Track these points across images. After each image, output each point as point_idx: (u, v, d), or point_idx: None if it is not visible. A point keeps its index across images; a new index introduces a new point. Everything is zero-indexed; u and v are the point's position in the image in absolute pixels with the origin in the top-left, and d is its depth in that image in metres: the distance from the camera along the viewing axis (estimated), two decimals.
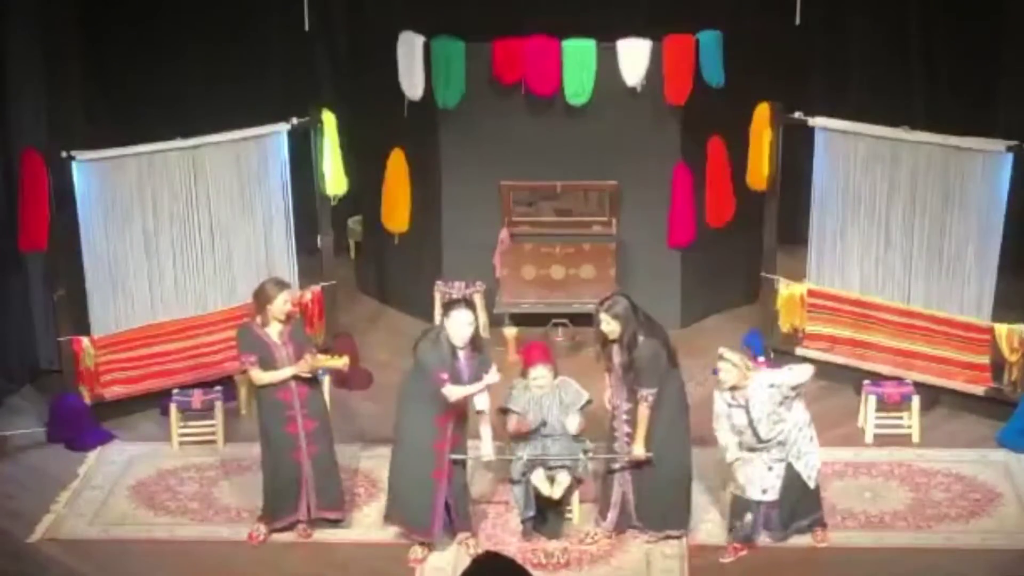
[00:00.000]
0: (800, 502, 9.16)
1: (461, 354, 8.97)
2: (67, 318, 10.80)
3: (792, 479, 9.05)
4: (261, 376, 9.15)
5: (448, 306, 9.12)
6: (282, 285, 9.33)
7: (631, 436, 9.15)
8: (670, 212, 12.03)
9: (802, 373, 9.12)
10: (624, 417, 9.17)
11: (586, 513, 9.49)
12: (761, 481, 9.04)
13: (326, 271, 11.67)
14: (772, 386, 8.95)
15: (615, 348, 9.11)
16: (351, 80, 13.27)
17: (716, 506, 9.68)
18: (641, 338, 9.00)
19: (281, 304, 9.18)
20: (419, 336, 9.17)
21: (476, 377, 8.99)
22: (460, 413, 9.05)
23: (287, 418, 9.19)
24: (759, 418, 8.91)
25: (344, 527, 9.54)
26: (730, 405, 9.00)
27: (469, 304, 9.15)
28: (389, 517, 9.31)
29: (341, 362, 9.47)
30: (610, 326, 9.03)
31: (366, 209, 13.07)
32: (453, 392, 8.88)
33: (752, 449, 9.04)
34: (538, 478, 9.18)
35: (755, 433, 8.95)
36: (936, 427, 10.67)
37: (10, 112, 11.12)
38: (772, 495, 9.06)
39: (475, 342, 9.03)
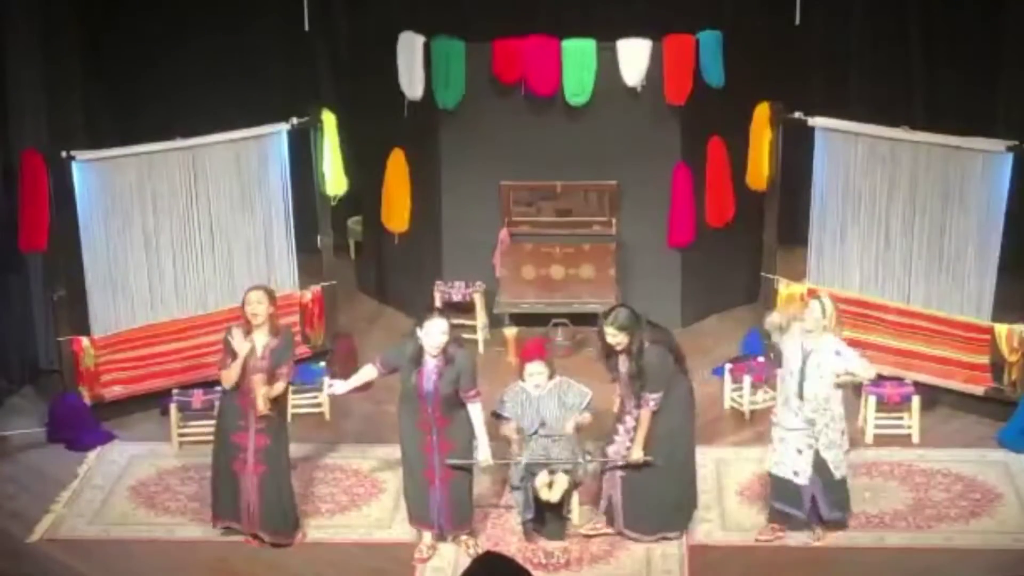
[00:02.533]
0: (833, 492, 9.20)
1: (431, 361, 8.90)
2: (67, 318, 10.80)
3: (822, 468, 9.11)
4: (225, 375, 9.06)
5: (425, 315, 9.01)
6: (254, 289, 9.17)
7: (632, 443, 9.14)
8: (670, 212, 12.03)
9: (865, 368, 9.21)
10: (632, 424, 9.15)
11: (586, 514, 9.49)
12: (793, 463, 9.10)
13: (326, 271, 11.67)
14: (838, 354, 9.05)
15: (620, 358, 9.10)
16: (351, 80, 13.27)
17: (716, 506, 9.69)
18: (647, 344, 8.99)
19: (252, 304, 8.98)
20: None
21: (448, 387, 8.89)
22: (439, 418, 8.97)
23: (238, 427, 9.07)
24: (811, 372, 8.97)
25: (337, 527, 9.56)
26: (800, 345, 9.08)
27: (444, 314, 9.08)
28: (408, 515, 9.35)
29: (263, 405, 9.00)
30: (616, 338, 9.00)
31: (366, 209, 13.07)
32: (337, 387, 9.33)
33: (786, 402, 9.09)
34: (539, 482, 9.18)
35: (800, 383, 8.99)
36: (936, 427, 10.67)
37: (10, 112, 11.11)
38: (803, 480, 9.10)
39: (446, 353, 8.88)
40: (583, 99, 11.73)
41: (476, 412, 9.05)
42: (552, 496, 9.16)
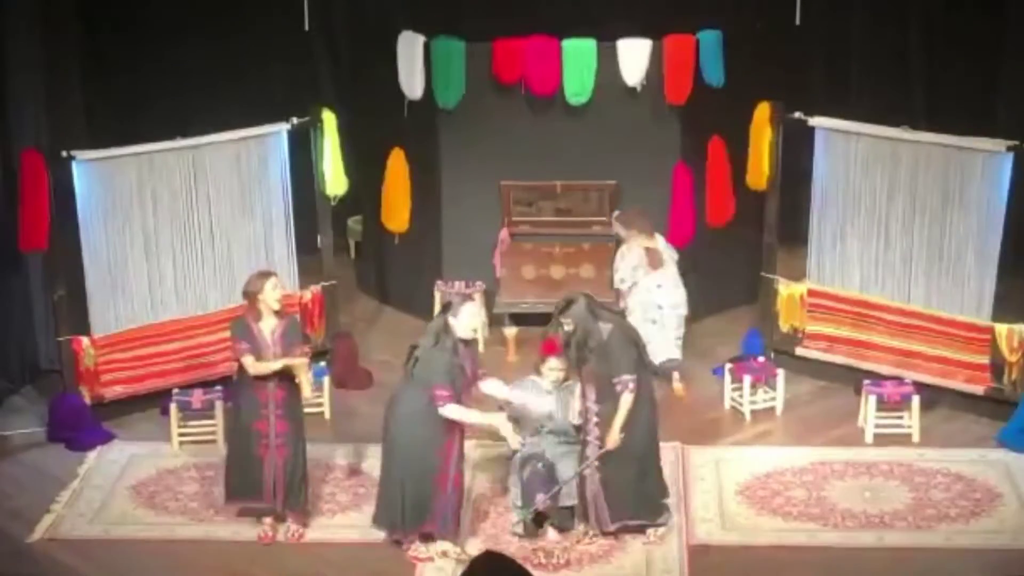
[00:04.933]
0: None
1: (462, 349, 8.97)
2: (67, 318, 10.80)
3: None
4: (255, 365, 9.13)
5: (448, 305, 9.09)
6: (267, 274, 9.32)
7: (601, 439, 9.05)
8: (670, 212, 12.02)
9: None
10: (595, 420, 9.08)
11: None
12: None
13: (326, 271, 11.68)
14: None
15: (580, 348, 9.06)
16: (351, 80, 13.27)
17: (716, 506, 9.69)
18: (609, 326, 8.98)
19: (271, 291, 9.17)
20: (417, 350, 8.99)
21: (473, 368, 9.05)
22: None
23: (260, 416, 9.18)
24: None
25: (337, 527, 9.56)
26: None
27: (469, 297, 9.20)
28: (400, 527, 9.16)
29: (308, 390, 9.29)
30: (568, 327, 9.03)
31: (366, 209, 13.08)
32: (452, 412, 8.86)
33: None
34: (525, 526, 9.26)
35: None
36: (936, 427, 10.67)
37: (10, 112, 11.12)
38: None
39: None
40: (583, 99, 11.72)
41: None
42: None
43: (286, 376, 9.20)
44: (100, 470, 10.32)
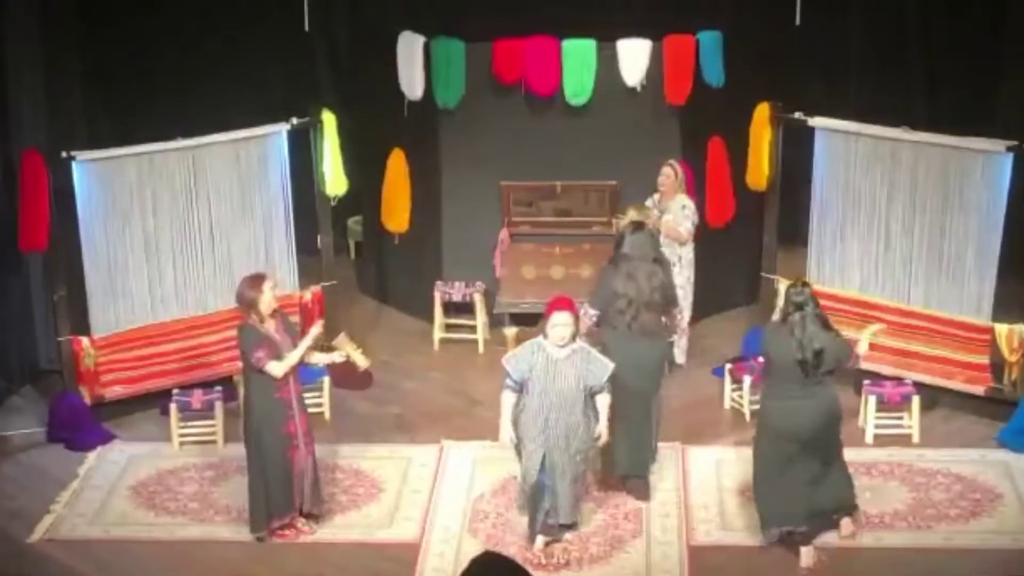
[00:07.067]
0: None
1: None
2: (67, 318, 10.80)
3: None
4: (280, 366, 9.05)
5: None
6: (259, 278, 9.23)
7: None
8: None
9: None
10: None
11: (586, 513, 9.49)
12: None
13: (326, 271, 11.68)
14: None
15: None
16: (351, 80, 13.28)
17: (716, 506, 9.69)
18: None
19: (269, 295, 9.13)
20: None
21: None
22: None
23: (287, 417, 9.17)
24: None
25: (337, 527, 9.57)
26: None
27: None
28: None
29: (362, 360, 9.58)
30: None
31: (366, 209, 13.08)
32: None
33: None
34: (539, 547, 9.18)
35: None
36: (936, 427, 10.67)
37: (10, 112, 11.12)
38: None
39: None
40: (583, 99, 11.72)
41: None
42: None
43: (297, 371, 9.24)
44: (100, 470, 10.33)
